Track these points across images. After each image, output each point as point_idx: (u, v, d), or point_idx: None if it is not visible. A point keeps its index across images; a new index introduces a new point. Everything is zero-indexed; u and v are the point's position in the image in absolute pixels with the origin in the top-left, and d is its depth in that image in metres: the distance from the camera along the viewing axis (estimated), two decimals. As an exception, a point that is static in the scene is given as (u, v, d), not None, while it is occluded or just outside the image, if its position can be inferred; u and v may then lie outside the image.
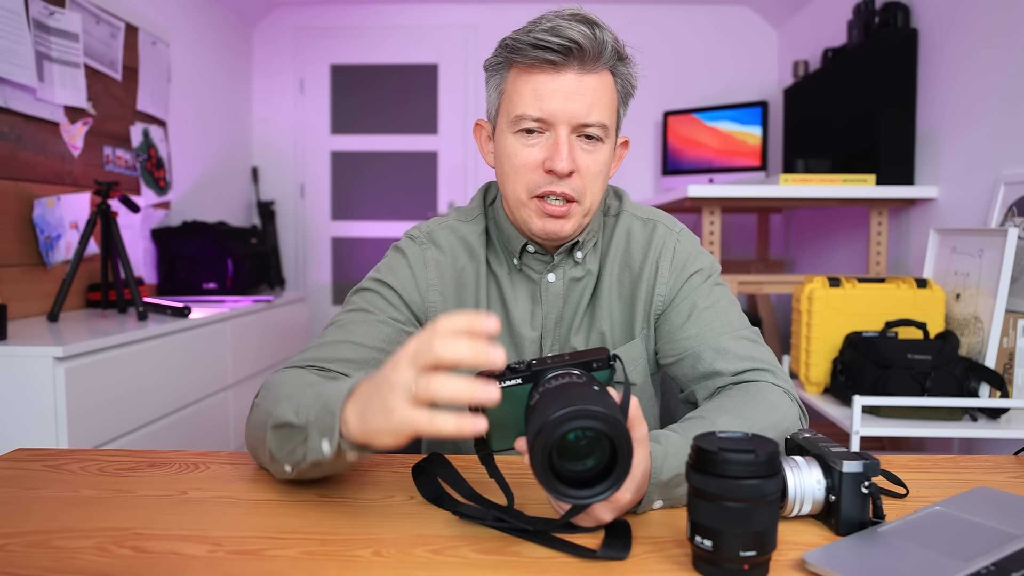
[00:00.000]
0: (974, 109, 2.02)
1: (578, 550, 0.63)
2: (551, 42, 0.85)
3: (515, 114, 0.89)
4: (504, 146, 0.92)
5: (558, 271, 0.99)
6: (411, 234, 1.03)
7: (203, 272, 2.64)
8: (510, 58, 0.90)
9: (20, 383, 1.49)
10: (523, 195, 0.91)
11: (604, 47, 0.87)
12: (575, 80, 0.87)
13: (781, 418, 0.84)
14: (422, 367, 0.57)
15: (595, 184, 0.91)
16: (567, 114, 0.87)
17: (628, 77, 0.94)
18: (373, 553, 0.63)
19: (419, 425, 0.57)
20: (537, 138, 0.89)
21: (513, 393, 0.66)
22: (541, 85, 0.87)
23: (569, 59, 0.86)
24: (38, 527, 0.67)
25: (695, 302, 0.96)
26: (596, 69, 0.88)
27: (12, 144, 1.93)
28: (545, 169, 0.89)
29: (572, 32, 0.85)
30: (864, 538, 0.64)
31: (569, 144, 0.88)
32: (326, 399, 0.67)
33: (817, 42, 3.02)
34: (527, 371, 0.66)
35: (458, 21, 3.68)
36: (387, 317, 0.94)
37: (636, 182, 3.69)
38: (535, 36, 0.86)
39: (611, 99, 0.91)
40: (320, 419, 0.66)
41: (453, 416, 0.56)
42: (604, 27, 0.88)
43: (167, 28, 2.78)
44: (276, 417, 0.72)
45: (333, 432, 0.64)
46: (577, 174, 0.89)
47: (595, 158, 0.90)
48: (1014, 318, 1.66)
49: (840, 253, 2.90)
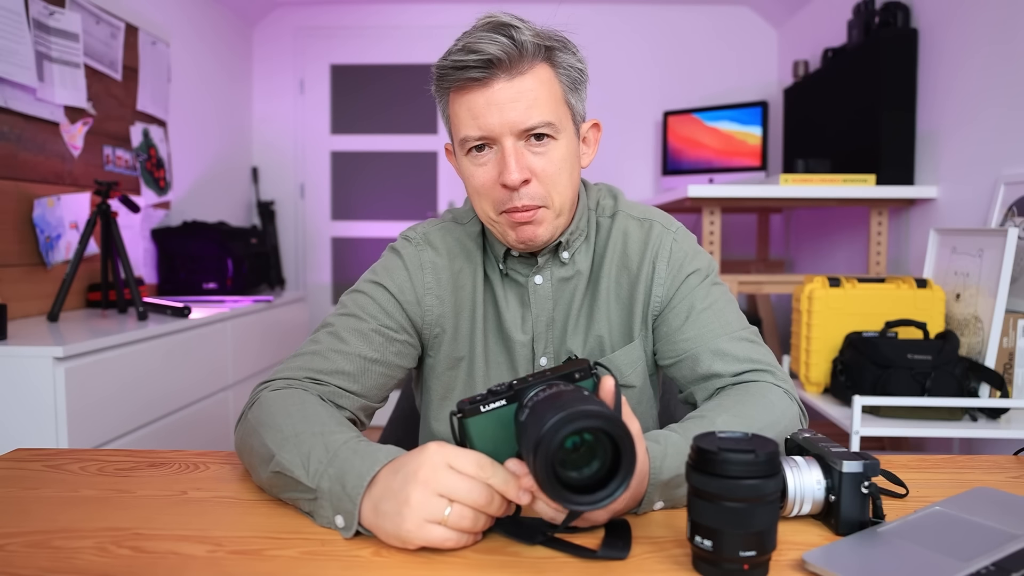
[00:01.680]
0: (974, 109, 2.02)
1: (578, 550, 0.62)
2: (468, 60, 0.84)
3: (459, 137, 0.89)
4: (462, 169, 0.92)
5: (544, 272, 0.98)
6: (407, 235, 1.01)
7: (203, 272, 2.64)
8: (441, 84, 0.90)
9: (20, 383, 1.49)
10: (492, 213, 0.91)
11: (524, 48, 0.85)
12: (506, 87, 0.85)
13: (780, 417, 0.84)
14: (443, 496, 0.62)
15: (558, 183, 0.89)
16: (506, 124, 0.85)
17: (571, 63, 0.91)
18: (373, 553, 0.63)
19: (428, 543, 0.62)
20: (487, 155, 0.88)
21: (498, 416, 0.65)
22: (474, 103, 0.86)
23: (492, 70, 0.84)
24: (38, 527, 0.67)
25: (693, 303, 0.95)
26: (524, 70, 0.86)
27: (12, 144, 1.93)
28: (501, 184, 0.87)
29: (485, 45, 0.83)
30: (864, 538, 0.64)
31: (517, 153, 0.86)
32: (343, 475, 0.67)
33: (817, 42, 3.02)
34: (508, 391, 0.65)
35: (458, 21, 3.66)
36: (379, 325, 0.93)
37: (636, 182, 3.69)
38: (453, 59, 0.85)
39: (552, 93, 0.88)
40: (335, 494, 0.67)
41: (455, 535, 0.62)
42: (521, 26, 0.86)
43: (167, 28, 2.78)
44: (281, 465, 0.71)
45: (352, 518, 0.65)
46: (534, 180, 0.88)
47: (549, 158, 0.88)
48: (1014, 318, 1.66)
49: (840, 253, 2.90)
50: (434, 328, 0.99)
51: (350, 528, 0.66)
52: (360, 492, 0.65)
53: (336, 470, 0.68)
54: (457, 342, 0.99)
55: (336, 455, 0.69)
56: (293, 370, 0.88)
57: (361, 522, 0.65)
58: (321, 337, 0.92)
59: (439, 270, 0.98)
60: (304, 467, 0.69)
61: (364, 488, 0.65)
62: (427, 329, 0.99)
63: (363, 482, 0.65)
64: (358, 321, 0.93)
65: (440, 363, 1.00)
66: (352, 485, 0.66)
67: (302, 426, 0.74)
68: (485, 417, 0.64)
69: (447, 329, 0.99)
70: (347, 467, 0.67)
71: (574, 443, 0.59)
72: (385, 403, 0.97)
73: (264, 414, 0.79)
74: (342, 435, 0.72)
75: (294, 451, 0.71)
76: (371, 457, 0.68)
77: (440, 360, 1.00)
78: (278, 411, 0.78)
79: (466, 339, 0.99)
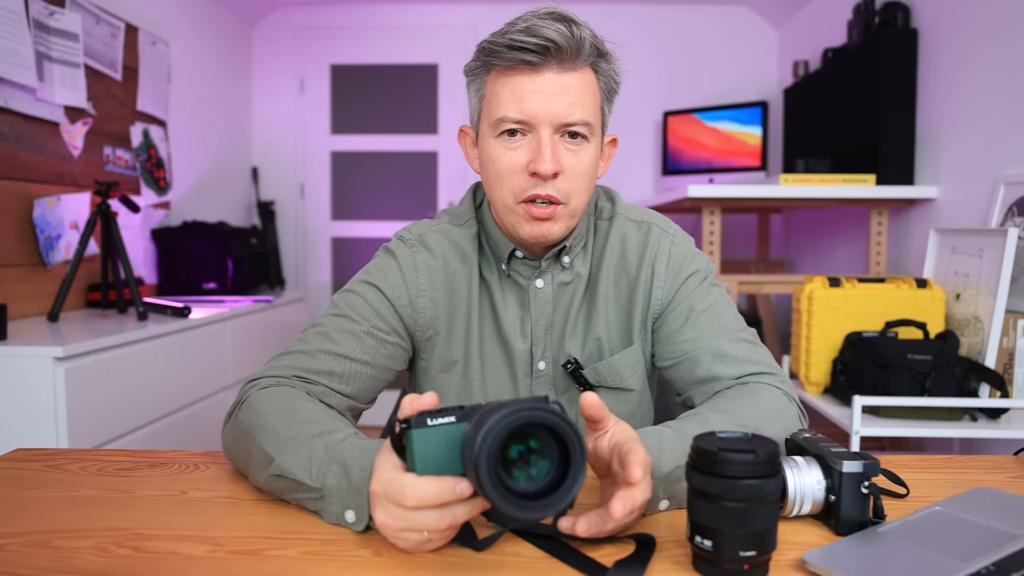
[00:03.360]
0: (974, 109, 2.02)
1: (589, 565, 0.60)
2: (527, 42, 0.83)
3: (496, 117, 0.88)
4: (487, 151, 0.90)
5: (546, 276, 0.98)
6: (401, 236, 1.00)
7: (203, 272, 2.63)
8: (488, 61, 0.89)
9: (20, 383, 1.49)
10: (510, 200, 0.89)
11: (582, 44, 0.85)
12: (555, 79, 0.85)
13: (779, 418, 0.84)
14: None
15: (581, 185, 0.89)
16: (548, 114, 0.85)
17: (611, 74, 0.92)
18: (373, 553, 0.63)
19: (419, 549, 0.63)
20: (520, 140, 0.87)
21: (444, 433, 0.60)
22: (520, 86, 0.86)
23: (547, 58, 0.85)
24: (38, 527, 0.67)
25: (692, 304, 0.95)
26: (576, 67, 0.86)
27: (12, 144, 1.93)
28: (529, 172, 0.87)
29: (548, 31, 0.83)
30: (864, 538, 0.64)
31: (552, 145, 0.86)
32: (347, 469, 0.67)
33: (817, 42, 3.02)
34: (460, 410, 0.61)
35: (458, 21, 3.68)
36: (370, 327, 0.92)
37: (636, 182, 3.69)
38: (511, 37, 0.84)
39: (593, 96, 0.89)
40: (342, 488, 0.67)
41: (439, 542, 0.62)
42: (581, 24, 0.86)
43: (167, 28, 2.78)
44: (282, 469, 0.71)
45: (364, 510, 0.65)
46: (562, 175, 0.87)
47: (580, 158, 0.88)
48: (1014, 318, 1.66)
49: (840, 253, 2.90)
50: (427, 330, 0.98)
51: (362, 521, 0.66)
52: (366, 482, 0.65)
53: (339, 466, 0.68)
54: (451, 345, 0.99)
55: (336, 451, 0.69)
56: (281, 368, 0.87)
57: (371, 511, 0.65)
58: (311, 337, 0.91)
59: (434, 272, 0.97)
60: (306, 468, 0.69)
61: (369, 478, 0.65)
62: (420, 331, 0.98)
63: (366, 474, 0.65)
64: (349, 322, 0.92)
65: (433, 366, 1.00)
66: (358, 478, 0.66)
67: (298, 427, 0.74)
68: (430, 432, 0.59)
69: (440, 332, 0.98)
70: (350, 461, 0.68)
71: (519, 452, 0.56)
72: (373, 404, 0.96)
73: (256, 415, 0.78)
74: (339, 433, 0.73)
75: (293, 454, 0.71)
76: (370, 449, 0.68)
77: (433, 363, 1.00)
78: (270, 412, 0.77)
79: (461, 342, 0.99)
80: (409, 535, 0.61)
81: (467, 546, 0.64)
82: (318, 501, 0.69)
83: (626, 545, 0.64)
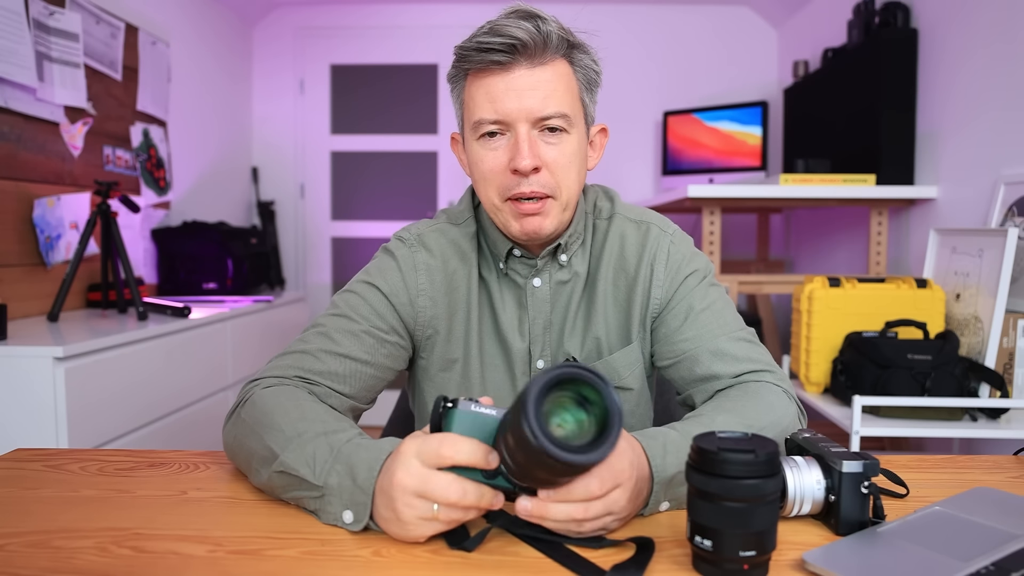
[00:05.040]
0: (974, 109, 2.02)
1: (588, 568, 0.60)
2: (494, 43, 0.85)
3: (474, 120, 0.89)
4: (472, 154, 0.92)
5: (543, 275, 0.98)
6: (400, 236, 1.01)
7: (203, 272, 2.63)
8: (461, 67, 0.90)
9: (20, 383, 1.49)
10: (497, 200, 0.91)
11: (549, 38, 0.86)
12: (526, 75, 0.86)
13: (780, 417, 0.84)
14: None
15: (567, 176, 0.90)
16: (523, 111, 0.86)
17: (588, 64, 0.93)
18: (373, 553, 0.63)
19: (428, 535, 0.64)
20: (499, 140, 0.89)
21: (482, 421, 0.63)
22: (493, 87, 0.87)
23: (516, 56, 0.86)
24: (38, 527, 0.67)
25: (691, 304, 0.95)
26: (546, 61, 0.87)
27: (12, 144, 1.93)
28: (511, 170, 0.88)
29: (513, 29, 0.85)
30: (864, 538, 0.64)
31: (530, 140, 0.87)
32: (353, 469, 0.67)
33: (817, 42, 3.02)
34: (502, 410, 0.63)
35: (458, 21, 3.68)
36: (370, 327, 0.92)
37: (636, 182, 3.69)
38: (478, 40, 0.86)
39: (569, 88, 0.90)
40: (344, 488, 0.67)
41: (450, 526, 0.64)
42: (547, 18, 0.87)
43: (167, 28, 2.78)
44: (286, 465, 0.71)
45: (364, 510, 0.66)
46: (544, 169, 0.88)
47: (561, 150, 0.89)
48: (1014, 318, 1.66)
49: (840, 253, 2.90)
50: (427, 330, 0.98)
51: (360, 521, 0.66)
52: (372, 482, 0.65)
53: (344, 466, 0.68)
54: (451, 344, 0.99)
55: (341, 451, 0.70)
56: (283, 368, 0.87)
57: (373, 513, 0.65)
58: (311, 337, 0.91)
59: (433, 271, 0.98)
60: (310, 466, 0.70)
61: (375, 478, 0.65)
62: (419, 331, 0.98)
63: (373, 473, 0.66)
64: (349, 322, 0.92)
65: (433, 365, 1.00)
66: (363, 477, 0.66)
67: (303, 425, 0.74)
68: (471, 415, 0.63)
69: (440, 331, 0.99)
70: (356, 460, 0.68)
71: (559, 419, 0.59)
72: (373, 405, 0.97)
73: (260, 413, 0.78)
74: (344, 433, 0.73)
75: (298, 451, 0.71)
76: (377, 448, 0.69)
77: (433, 362, 1.00)
78: (275, 410, 0.78)
79: (460, 341, 0.99)
80: (418, 504, 0.61)
81: (457, 547, 0.63)
82: (318, 500, 0.69)
83: (625, 548, 0.64)
